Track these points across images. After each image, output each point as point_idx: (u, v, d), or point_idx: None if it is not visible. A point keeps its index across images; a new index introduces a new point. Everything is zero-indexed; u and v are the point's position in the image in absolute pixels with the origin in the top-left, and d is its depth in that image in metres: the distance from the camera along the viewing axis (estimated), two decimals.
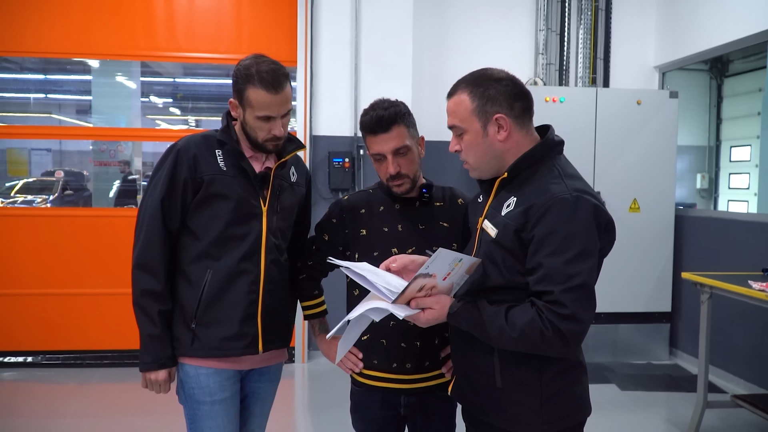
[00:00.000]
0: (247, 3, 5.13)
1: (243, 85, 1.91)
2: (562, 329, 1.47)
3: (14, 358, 4.93)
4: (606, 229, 1.57)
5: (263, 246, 2.01)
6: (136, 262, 1.96)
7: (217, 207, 1.96)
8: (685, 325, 5.24)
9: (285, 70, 1.95)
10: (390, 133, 1.94)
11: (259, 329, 2.02)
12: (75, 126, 6.98)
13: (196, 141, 2.00)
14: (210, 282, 1.96)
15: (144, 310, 1.95)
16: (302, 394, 4.72)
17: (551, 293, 1.48)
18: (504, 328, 1.51)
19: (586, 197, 1.53)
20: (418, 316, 1.60)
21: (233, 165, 1.99)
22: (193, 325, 1.97)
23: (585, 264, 1.50)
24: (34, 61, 6.07)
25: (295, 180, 2.16)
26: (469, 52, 5.47)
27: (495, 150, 1.63)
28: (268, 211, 2.03)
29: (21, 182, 7.58)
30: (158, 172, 1.98)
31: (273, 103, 1.91)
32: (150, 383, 1.99)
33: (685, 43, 5.34)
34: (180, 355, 2.00)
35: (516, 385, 1.60)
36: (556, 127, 1.73)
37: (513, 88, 1.63)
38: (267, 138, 1.97)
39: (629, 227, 5.13)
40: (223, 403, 2.00)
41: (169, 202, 1.95)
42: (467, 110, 1.63)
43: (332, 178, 5.02)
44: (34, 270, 4.97)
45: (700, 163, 7.36)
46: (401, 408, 2.07)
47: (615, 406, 4.31)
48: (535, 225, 1.52)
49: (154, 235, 1.95)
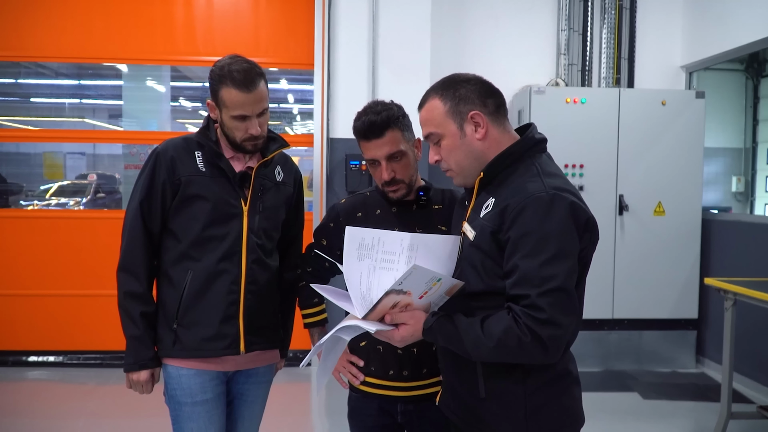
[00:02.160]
0: (265, 6, 5.16)
1: (217, 85, 1.93)
2: (540, 334, 1.40)
3: (37, 357, 5.05)
4: (586, 228, 1.49)
5: (244, 246, 2.01)
6: (120, 265, 2.00)
7: (196, 208, 1.97)
8: (712, 332, 5.07)
9: (259, 69, 1.95)
10: (383, 138, 1.89)
11: (240, 330, 2.01)
12: (107, 130, 7.14)
13: (174, 143, 2.02)
14: (190, 283, 1.97)
15: (127, 312, 1.98)
16: (317, 398, 4.71)
17: (527, 297, 1.41)
18: (480, 339, 1.45)
19: (563, 195, 1.46)
20: (392, 333, 1.55)
21: (212, 165, 2.00)
22: (175, 326, 1.99)
23: (562, 265, 1.43)
24: (69, 67, 6.23)
25: (281, 179, 2.14)
26: (488, 53, 5.40)
27: (475, 150, 1.58)
28: (249, 211, 2.02)
29: (56, 185, 7.78)
30: (140, 177, 2.01)
31: (246, 102, 1.91)
32: (133, 383, 2.01)
33: (713, 41, 5.17)
34: (163, 356, 2.02)
35: (499, 397, 1.55)
36: (577, 129, 1.68)
37: (482, 86, 1.61)
38: (244, 138, 1.97)
39: (653, 231, 5.00)
40: (205, 404, 2.00)
41: (148, 205, 1.98)
42: (441, 114, 1.59)
43: (349, 180, 5.01)
44: (58, 271, 5.09)
45: (735, 166, 7.14)
46: (398, 415, 2.04)
47: (635, 415, 4.19)
48: (510, 226, 1.46)
49: (135, 238, 1.98)
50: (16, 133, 6.11)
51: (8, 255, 5.07)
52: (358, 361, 2.04)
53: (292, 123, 7.28)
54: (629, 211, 4.99)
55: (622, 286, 5.02)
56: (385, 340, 1.58)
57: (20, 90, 6.81)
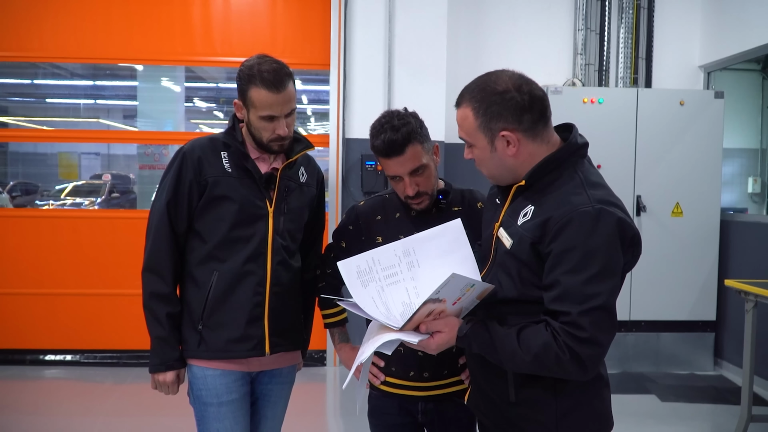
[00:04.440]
0: (282, 7, 5.17)
1: (246, 85, 1.92)
2: (579, 353, 1.37)
3: (54, 356, 5.07)
4: (631, 243, 1.46)
5: (269, 247, 2.00)
6: (145, 265, 1.99)
7: (222, 209, 1.97)
8: (730, 334, 5.03)
9: (288, 69, 1.94)
10: (404, 155, 1.86)
11: (265, 331, 2.01)
12: (122, 130, 7.17)
13: (201, 144, 2.01)
14: (216, 284, 1.97)
15: (152, 313, 1.97)
16: (334, 399, 4.71)
17: (568, 314, 1.38)
18: (516, 352, 1.43)
19: (609, 210, 1.41)
20: (429, 342, 1.53)
21: (238, 166, 1.99)
22: (200, 327, 1.98)
23: (606, 284, 1.39)
24: (83, 68, 6.26)
25: (304, 180, 2.13)
26: (505, 53, 5.38)
27: (506, 164, 1.54)
28: (275, 212, 2.02)
29: (71, 185, 7.83)
30: (166, 176, 2.01)
31: (275, 102, 1.90)
32: (158, 384, 2.00)
33: (733, 41, 5.13)
34: (188, 357, 2.01)
35: (530, 400, 1.53)
36: (594, 129, 1.65)
37: (519, 99, 1.48)
38: (271, 138, 1.96)
39: (671, 232, 4.96)
40: (230, 404, 1.99)
41: (175, 205, 1.97)
42: (472, 126, 1.53)
43: (365, 180, 5.00)
44: (77, 270, 5.12)
45: (752, 167, 7.09)
46: (419, 414, 2.03)
47: (654, 418, 4.15)
48: (553, 239, 1.41)
49: (162, 239, 1.97)
50: (31, 133, 6.15)
51: (25, 254, 5.10)
52: (378, 362, 2.03)
53: (306, 123, 7.29)
54: (647, 212, 4.95)
55: (640, 288, 4.99)
56: (421, 349, 1.56)
57: (36, 91, 6.86)
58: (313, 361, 5.02)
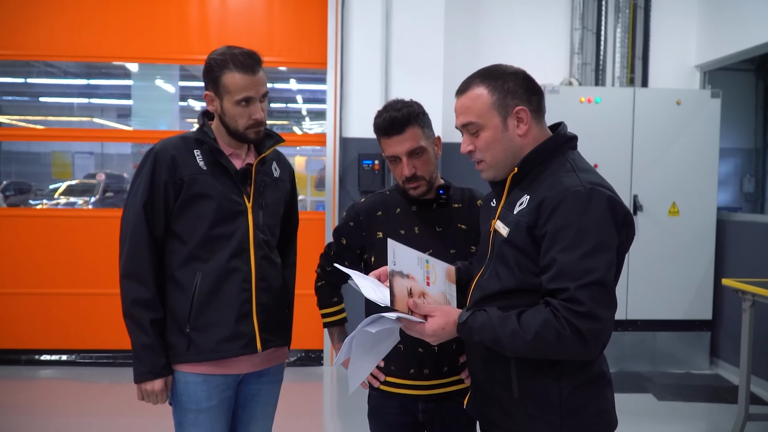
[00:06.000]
0: (279, 6, 5.15)
1: (218, 72, 1.91)
2: (579, 327, 1.38)
3: (49, 356, 5.04)
4: (624, 223, 1.48)
5: (251, 243, 1.99)
6: (123, 271, 1.93)
7: (201, 207, 1.94)
8: (726, 333, 5.05)
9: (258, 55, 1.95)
10: (404, 134, 1.91)
11: (255, 328, 1.99)
12: (116, 129, 7.14)
13: (173, 142, 1.97)
14: (200, 284, 1.93)
15: (135, 320, 1.91)
16: (331, 398, 4.71)
17: (566, 290, 1.40)
18: (517, 332, 1.43)
19: (600, 189, 1.45)
20: (423, 327, 1.52)
21: (213, 163, 1.96)
22: (188, 330, 1.93)
23: (601, 259, 1.41)
24: (77, 66, 6.23)
25: (278, 175, 2.12)
26: (502, 53, 5.35)
27: (514, 146, 1.57)
28: (253, 207, 2.01)
29: (64, 184, 7.79)
30: (138, 177, 1.95)
31: (252, 83, 1.90)
32: (146, 394, 1.94)
33: (729, 40, 5.14)
34: (175, 363, 1.96)
35: (534, 398, 1.52)
36: (591, 128, 1.67)
37: (528, 82, 1.59)
38: (248, 125, 1.94)
39: (668, 231, 4.98)
40: (209, 411, 1.96)
41: (151, 207, 1.92)
42: (486, 104, 1.56)
43: (362, 180, 5.00)
44: (71, 269, 5.08)
45: (746, 166, 7.12)
46: (419, 414, 2.03)
47: (652, 417, 4.16)
48: (547, 220, 1.45)
49: (140, 243, 1.91)
50: (24, 132, 6.12)
51: (19, 254, 5.06)
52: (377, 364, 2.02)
53: (303, 123, 7.27)
54: (643, 212, 4.96)
55: (637, 287, 5.00)
56: (417, 335, 1.55)
57: (29, 89, 6.82)
58: (310, 360, 5.01)
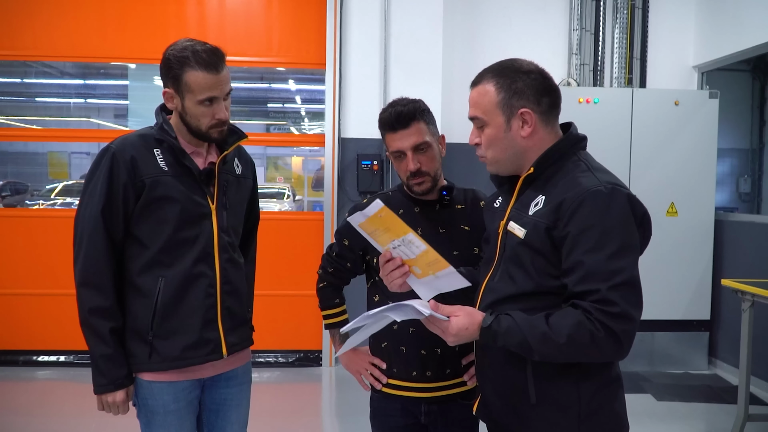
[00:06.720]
0: (277, 6, 5.14)
1: (179, 70, 1.80)
2: (614, 329, 1.37)
3: (46, 357, 5.02)
4: (642, 222, 1.47)
5: (215, 246, 1.92)
6: (80, 279, 1.83)
7: (163, 211, 1.84)
8: (724, 333, 5.06)
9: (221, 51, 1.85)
10: (409, 129, 1.89)
11: (221, 333, 1.94)
12: (113, 129, 7.12)
13: (131, 141, 1.86)
14: (163, 290, 1.85)
15: (94, 330, 1.81)
16: (329, 399, 4.70)
17: (597, 292, 1.38)
18: (548, 335, 1.40)
19: (620, 188, 1.45)
20: (446, 325, 1.49)
21: (174, 164, 1.86)
22: (150, 338, 1.85)
23: (628, 258, 1.41)
24: (74, 66, 6.21)
25: (240, 172, 2.05)
26: (500, 53, 5.25)
27: (516, 146, 1.56)
28: (218, 209, 1.93)
29: (61, 185, 7.77)
30: (93, 178, 1.83)
31: (215, 83, 1.81)
32: (107, 405, 1.88)
33: (727, 41, 5.15)
34: (137, 371, 1.89)
35: (552, 402, 1.50)
36: (589, 129, 1.67)
37: (542, 82, 1.55)
38: (211, 124, 1.85)
39: (666, 232, 4.98)
40: (177, 413, 1.92)
41: (110, 212, 1.82)
42: (491, 102, 1.55)
43: (361, 180, 4.99)
44: (68, 270, 5.01)
45: (742, 167, 7.14)
46: (422, 416, 2.01)
47: (651, 417, 4.17)
48: (568, 221, 1.43)
49: (98, 249, 1.81)
50: (21, 133, 6.08)
51: (16, 254, 5.04)
52: (380, 364, 2.01)
53: (301, 123, 7.26)
54: None
55: None
56: (439, 333, 1.52)
57: (25, 89, 6.79)
58: (309, 361, 5.00)
